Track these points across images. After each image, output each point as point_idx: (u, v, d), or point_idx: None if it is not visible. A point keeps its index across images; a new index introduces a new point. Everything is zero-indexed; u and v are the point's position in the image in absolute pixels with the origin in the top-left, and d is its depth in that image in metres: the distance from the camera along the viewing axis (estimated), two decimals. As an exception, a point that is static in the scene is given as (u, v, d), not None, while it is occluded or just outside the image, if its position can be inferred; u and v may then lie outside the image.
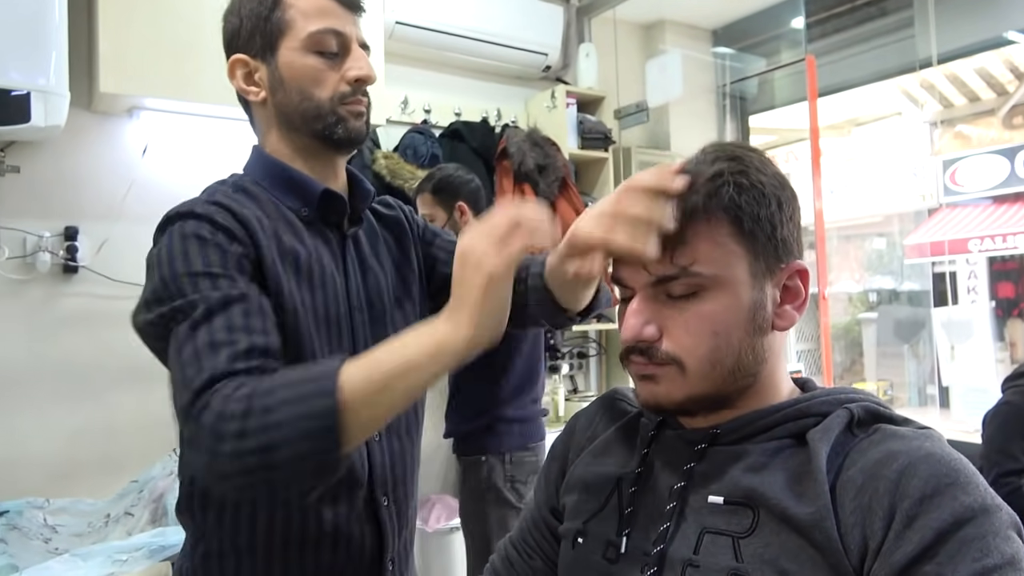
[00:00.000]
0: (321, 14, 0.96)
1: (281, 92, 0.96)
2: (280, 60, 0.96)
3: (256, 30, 0.96)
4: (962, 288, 6.05)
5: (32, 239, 2.19)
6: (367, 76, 0.98)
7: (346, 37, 0.98)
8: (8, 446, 2.10)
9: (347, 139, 0.98)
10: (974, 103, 5.21)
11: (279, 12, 0.96)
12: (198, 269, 0.83)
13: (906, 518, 0.60)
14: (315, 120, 0.96)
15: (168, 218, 0.90)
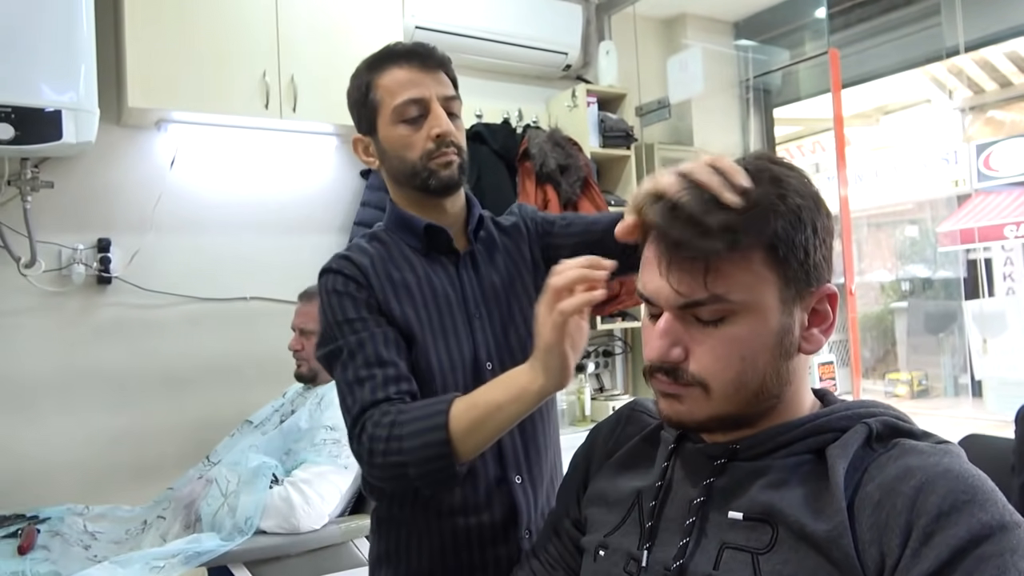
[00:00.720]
0: (401, 87, 1.11)
1: (386, 160, 1.15)
2: (380, 135, 1.14)
3: (360, 114, 1.16)
4: (997, 275, 5.92)
5: (67, 252, 2.25)
6: (445, 132, 1.11)
7: (425, 101, 1.11)
8: (47, 453, 2.16)
9: (441, 187, 1.13)
10: (1006, 88, 5.08)
11: (372, 95, 1.14)
12: (341, 318, 1.08)
13: (923, 535, 0.60)
14: (412, 177, 1.13)
15: (322, 271, 1.13)
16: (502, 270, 1.22)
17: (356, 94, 1.16)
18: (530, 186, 2.81)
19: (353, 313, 1.08)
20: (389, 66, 1.13)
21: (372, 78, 1.14)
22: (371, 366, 1.04)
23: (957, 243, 6.11)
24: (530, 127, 3.02)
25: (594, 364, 3.29)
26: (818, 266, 0.72)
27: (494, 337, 1.16)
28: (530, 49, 3.02)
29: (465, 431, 0.95)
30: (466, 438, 0.95)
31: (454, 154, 1.13)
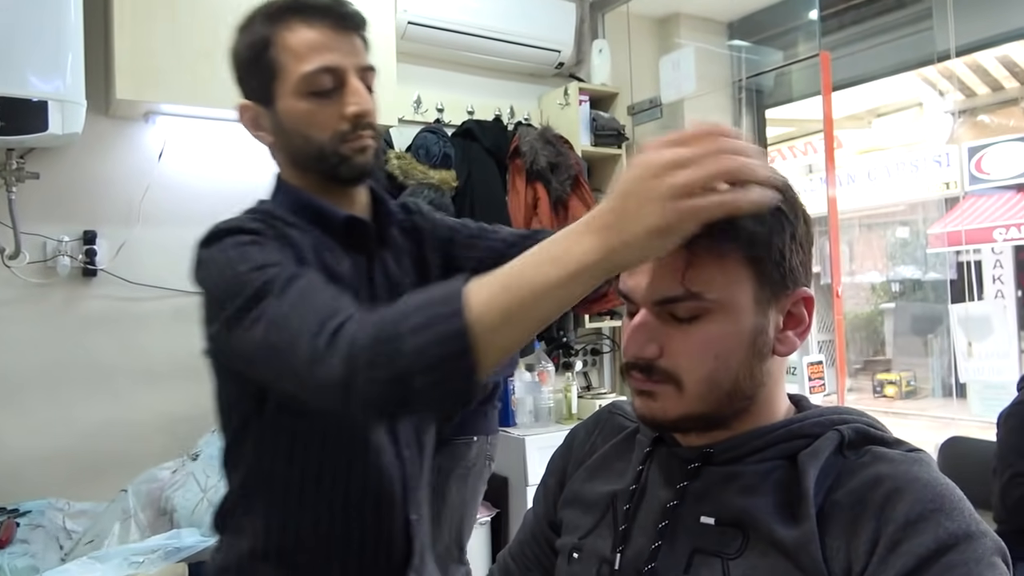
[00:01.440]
0: (312, 50, 0.93)
1: (284, 137, 0.97)
2: (278, 106, 0.95)
3: (252, 75, 0.96)
4: (987, 277, 5.96)
5: (52, 243, 2.23)
6: (365, 111, 0.94)
7: (341, 71, 0.94)
8: (29, 446, 2.15)
9: (352, 177, 0.97)
10: (997, 92, 5.11)
11: (269, 56, 0.93)
12: (262, 262, 0.83)
13: (890, 543, 0.61)
14: (318, 161, 0.95)
15: (215, 233, 0.89)
16: (412, 277, 1.06)
17: (247, 51, 0.95)
18: (520, 184, 2.81)
19: (277, 255, 0.85)
20: (295, 22, 0.93)
21: (272, 34, 0.93)
22: (320, 289, 0.80)
23: (947, 245, 6.14)
24: (521, 124, 3.02)
25: (581, 362, 3.29)
26: (794, 270, 0.72)
27: None
28: (523, 46, 3.02)
29: (492, 321, 0.66)
30: (493, 332, 0.66)
31: (370, 137, 0.97)
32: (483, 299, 0.66)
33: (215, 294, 0.85)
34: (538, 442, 2.76)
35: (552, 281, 0.64)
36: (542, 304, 0.65)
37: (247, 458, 0.98)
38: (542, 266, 0.65)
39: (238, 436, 0.98)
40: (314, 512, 0.96)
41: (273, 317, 0.77)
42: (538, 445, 2.75)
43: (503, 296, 0.66)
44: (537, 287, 0.64)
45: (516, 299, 0.65)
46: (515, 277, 0.66)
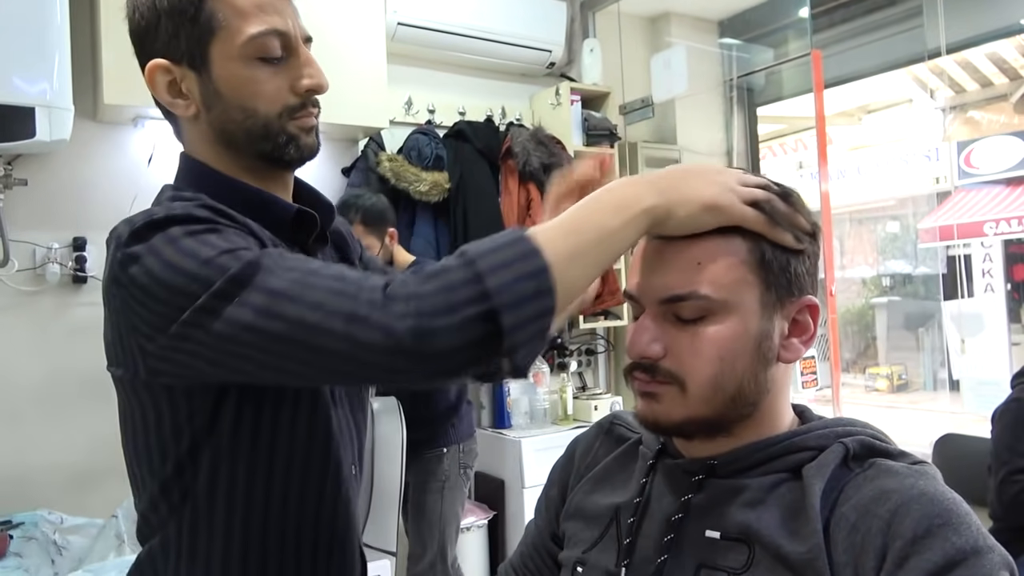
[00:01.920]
0: (260, 11, 0.81)
1: (218, 107, 0.82)
2: (215, 70, 0.81)
3: (180, 30, 0.80)
4: (977, 271, 5.99)
5: (41, 251, 2.21)
6: (320, 85, 0.85)
7: (290, 37, 0.83)
8: (22, 457, 2.13)
9: (299, 158, 0.86)
10: (986, 88, 5.13)
11: (209, 9, 0.80)
12: (229, 246, 0.70)
13: (898, 559, 0.61)
14: (262, 140, 0.83)
15: (152, 224, 0.72)
16: None
17: (177, 1, 0.80)
18: (513, 185, 2.80)
19: (243, 241, 0.72)
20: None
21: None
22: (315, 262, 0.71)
23: (937, 239, 6.17)
24: (513, 125, 3.01)
25: (576, 363, 3.29)
26: (800, 277, 0.73)
27: None
28: (513, 46, 3.01)
29: (567, 258, 0.64)
30: (568, 268, 0.64)
31: (316, 119, 0.87)
32: (551, 239, 0.65)
33: (169, 288, 0.68)
34: (534, 444, 2.76)
35: (616, 225, 0.66)
36: (604, 247, 0.66)
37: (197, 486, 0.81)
38: (605, 212, 0.67)
39: (181, 466, 0.80)
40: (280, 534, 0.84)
41: (276, 290, 0.66)
42: (534, 447, 2.75)
43: (572, 239, 0.65)
44: (603, 231, 0.66)
45: (583, 241, 0.66)
46: (581, 222, 0.67)
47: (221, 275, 0.67)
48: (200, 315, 0.67)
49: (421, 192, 2.62)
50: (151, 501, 0.82)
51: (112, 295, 0.75)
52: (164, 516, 0.82)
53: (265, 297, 0.66)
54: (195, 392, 0.78)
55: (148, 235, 0.71)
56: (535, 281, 0.62)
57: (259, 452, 0.81)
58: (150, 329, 0.71)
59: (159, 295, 0.69)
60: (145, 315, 0.71)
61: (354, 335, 0.63)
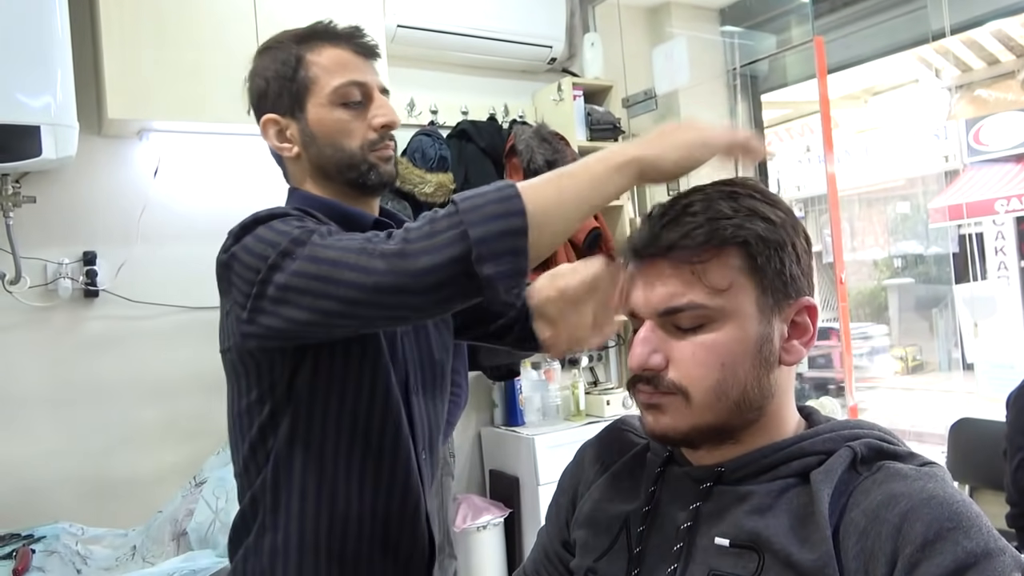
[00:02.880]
0: (342, 68, 1.02)
1: (314, 146, 1.03)
2: (309, 116, 1.02)
3: (284, 90, 1.02)
4: (989, 250, 5.94)
5: (52, 267, 2.23)
6: (392, 122, 1.04)
7: (368, 86, 1.03)
8: (39, 470, 2.15)
9: (380, 184, 1.04)
10: (993, 66, 5.07)
11: (303, 71, 1.02)
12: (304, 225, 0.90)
13: (909, 564, 0.61)
14: (349, 169, 1.03)
15: (257, 218, 0.92)
16: None
17: (281, 67, 1.02)
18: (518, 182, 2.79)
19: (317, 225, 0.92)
20: (325, 44, 1.03)
21: (304, 53, 1.02)
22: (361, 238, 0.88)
23: (947, 219, 6.12)
24: (516, 122, 3.00)
25: (588, 358, 3.29)
26: (796, 278, 0.73)
27: (419, 358, 1.09)
28: (514, 43, 3.00)
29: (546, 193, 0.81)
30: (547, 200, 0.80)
31: (393, 149, 1.06)
32: (533, 183, 0.82)
33: (256, 255, 0.88)
34: (547, 441, 2.76)
35: (601, 170, 0.81)
36: (588, 188, 0.81)
37: (277, 449, 0.98)
38: (591, 161, 0.82)
39: (264, 431, 0.98)
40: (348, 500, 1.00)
41: (320, 247, 0.85)
42: (548, 444, 2.75)
43: (554, 181, 0.82)
44: (588, 172, 0.82)
45: (566, 181, 0.82)
46: (566, 169, 0.84)
47: (287, 238, 0.86)
48: (270, 271, 0.86)
49: (426, 194, 2.62)
50: (244, 463, 1.01)
51: (221, 277, 0.95)
52: (253, 476, 1.00)
53: (312, 249, 0.85)
54: (275, 364, 0.95)
55: (252, 226, 0.91)
56: (505, 204, 0.78)
57: (328, 420, 0.98)
58: (242, 296, 0.90)
59: (250, 263, 0.88)
60: (240, 285, 0.90)
61: (364, 264, 0.82)
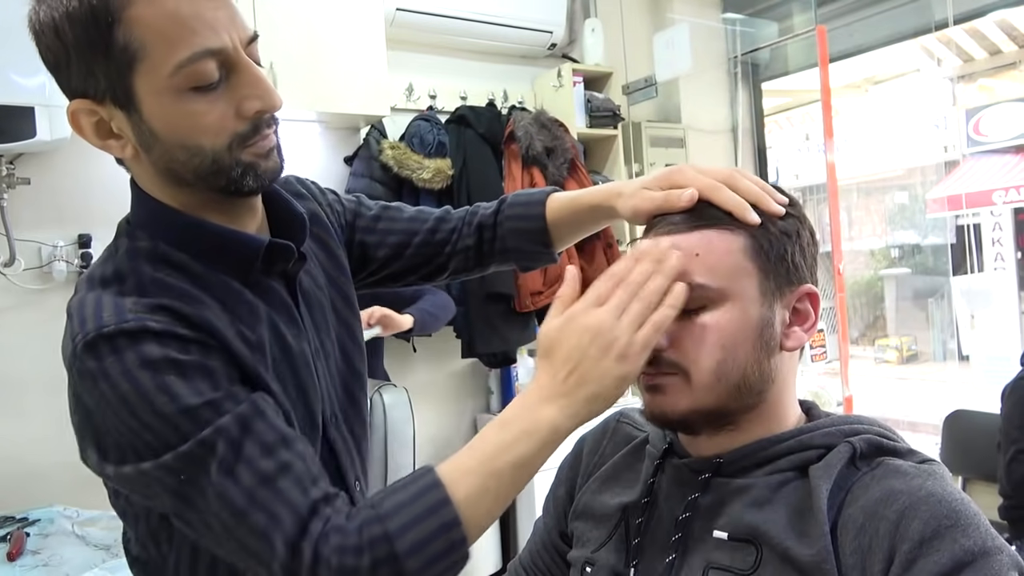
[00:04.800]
0: (183, 27, 0.66)
1: (158, 148, 0.71)
2: (143, 107, 0.68)
3: (94, 67, 0.67)
4: (987, 240, 5.95)
5: (47, 249, 2.22)
6: (271, 106, 0.72)
7: (228, 52, 0.69)
8: (34, 453, 2.15)
9: (260, 186, 0.75)
10: (995, 56, 5.06)
11: (121, 36, 0.65)
12: (192, 402, 0.64)
13: (905, 561, 0.61)
14: (213, 176, 0.72)
15: (105, 336, 0.65)
16: (321, 281, 0.89)
17: (83, 27, 0.65)
18: (516, 169, 2.78)
19: (212, 392, 0.66)
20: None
21: (119, 2, 0.65)
22: (274, 451, 0.66)
23: (946, 209, 6.13)
24: (515, 108, 2.98)
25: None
26: (799, 267, 0.74)
27: (333, 385, 0.87)
28: (514, 28, 2.98)
29: (478, 506, 0.67)
30: (480, 514, 0.68)
31: (275, 135, 0.75)
32: (465, 486, 0.67)
33: (124, 434, 0.65)
34: (543, 428, 2.76)
35: (531, 454, 0.68)
36: (520, 475, 0.68)
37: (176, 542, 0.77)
38: (518, 442, 0.67)
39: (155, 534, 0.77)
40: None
41: (222, 497, 0.64)
42: (543, 431, 2.75)
43: (485, 480, 0.67)
44: (517, 462, 0.67)
45: (497, 478, 0.67)
46: (491, 458, 0.68)
47: (176, 443, 0.64)
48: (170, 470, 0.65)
49: (424, 180, 2.61)
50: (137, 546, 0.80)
51: (70, 381, 0.70)
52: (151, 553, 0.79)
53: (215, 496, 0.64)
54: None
55: (100, 352, 0.65)
56: (448, 538, 0.65)
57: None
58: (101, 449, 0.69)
59: (106, 430, 0.67)
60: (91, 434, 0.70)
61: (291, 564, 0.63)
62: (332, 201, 0.98)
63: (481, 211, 1.04)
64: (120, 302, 0.68)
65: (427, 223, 1.03)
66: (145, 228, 0.76)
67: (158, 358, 0.65)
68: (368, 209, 1.02)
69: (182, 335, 0.67)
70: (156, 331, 0.66)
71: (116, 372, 0.64)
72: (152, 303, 0.68)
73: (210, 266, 0.75)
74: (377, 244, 1.00)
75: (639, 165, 3.21)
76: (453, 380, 3.01)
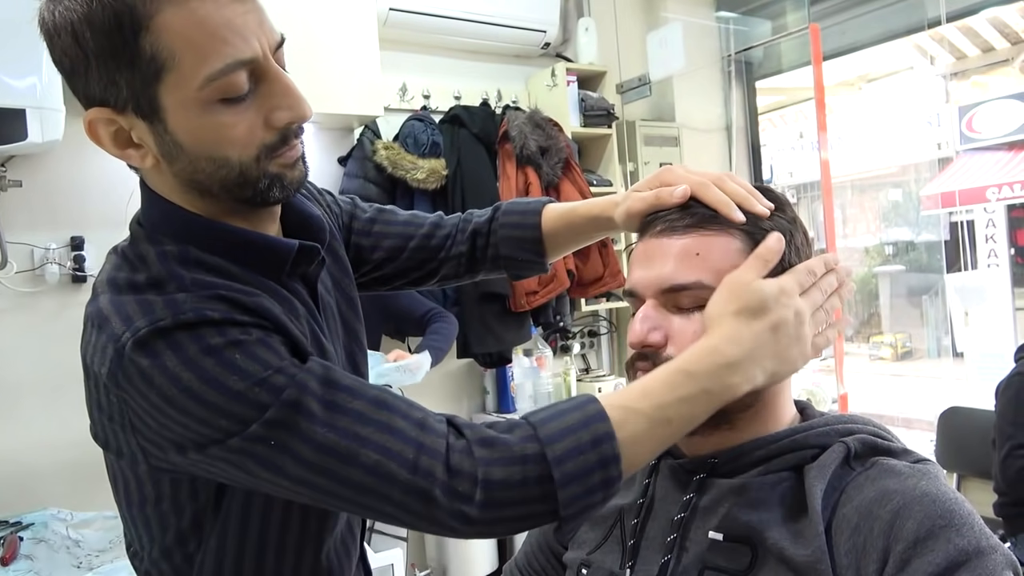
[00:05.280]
0: (214, 37, 0.64)
1: (182, 159, 0.69)
2: (169, 119, 0.66)
3: (116, 76, 0.64)
4: (980, 237, 5.97)
5: (39, 251, 2.20)
6: (301, 116, 0.71)
7: (259, 62, 0.67)
8: (28, 456, 2.14)
9: (286, 196, 0.75)
10: (988, 53, 5.07)
11: (148, 46, 0.62)
12: (264, 374, 0.63)
13: (900, 561, 0.61)
14: (240, 188, 0.71)
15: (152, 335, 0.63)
16: (331, 290, 0.88)
17: (106, 35, 0.62)
18: (511, 169, 2.78)
19: (278, 360, 0.65)
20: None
21: (144, 7, 0.62)
22: (363, 390, 0.66)
23: (940, 206, 6.14)
24: (509, 108, 2.98)
25: (579, 345, 3.29)
26: (793, 266, 0.73)
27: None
28: (507, 28, 2.97)
29: (641, 438, 0.66)
30: (641, 445, 0.66)
31: (302, 145, 0.75)
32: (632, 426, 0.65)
33: (189, 425, 0.63)
34: (539, 428, 2.76)
35: (705, 412, 0.67)
36: (687, 428, 0.67)
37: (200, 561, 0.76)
38: (697, 400, 0.66)
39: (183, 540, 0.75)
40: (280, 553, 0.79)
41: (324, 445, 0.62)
42: (539, 431, 2.75)
43: (652, 427, 0.66)
44: (689, 417, 0.66)
45: (665, 426, 0.66)
46: (666, 406, 0.65)
47: (258, 414, 0.62)
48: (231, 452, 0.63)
49: (418, 180, 2.60)
50: (152, 561, 0.77)
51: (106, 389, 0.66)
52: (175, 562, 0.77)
53: (312, 452, 0.62)
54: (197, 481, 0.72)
55: (154, 346, 0.63)
56: (603, 472, 0.63)
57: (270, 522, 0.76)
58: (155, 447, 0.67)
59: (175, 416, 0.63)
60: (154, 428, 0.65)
61: (413, 508, 0.62)
62: (330, 203, 0.98)
63: (475, 218, 1.04)
64: (171, 298, 0.66)
65: (422, 228, 1.03)
66: (167, 233, 0.73)
67: (220, 344, 0.63)
68: (363, 211, 1.02)
69: (241, 320, 0.66)
70: (216, 320, 0.64)
71: (175, 364, 0.62)
72: (208, 294, 0.67)
73: (244, 268, 0.73)
74: (372, 247, 1.00)
75: (633, 164, 3.21)
76: (449, 380, 3.01)
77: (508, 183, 2.77)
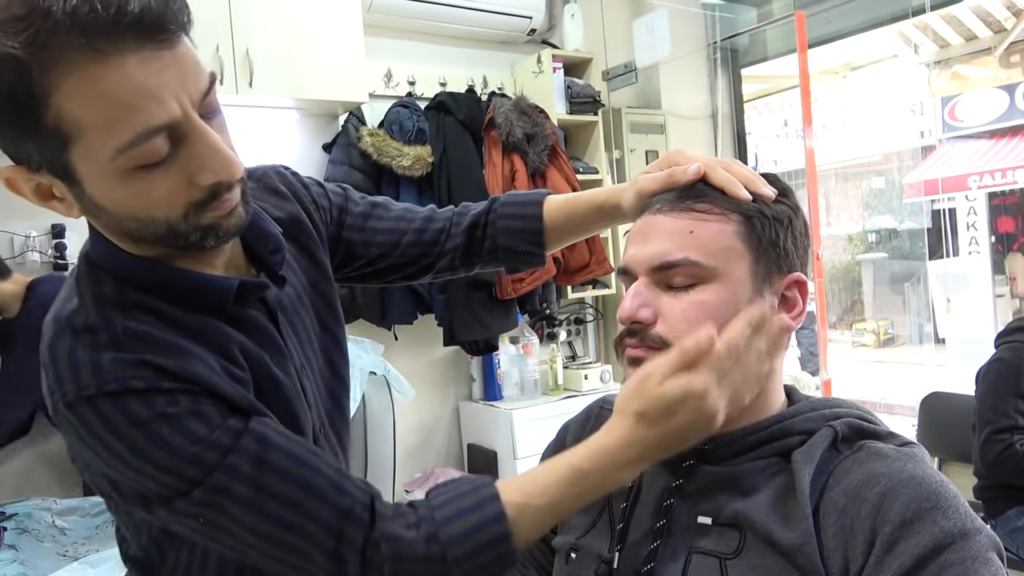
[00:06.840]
0: (121, 106, 0.58)
1: (106, 217, 0.66)
2: (85, 185, 0.62)
3: (24, 145, 0.60)
4: (961, 225, 6.03)
5: (19, 239, 2.18)
6: (228, 178, 0.66)
7: (177, 124, 0.61)
8: (8, 448, 2.11)
9: (224, 241, 0.71)
10: (971, 42, 5.11)
11: (50, 119, 0.57)
12: (192, 450, 0.64)
13: (886, 543, 0.61)
14: (172, 239, 0.67)
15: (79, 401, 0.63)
16: (305, 294, 0.86)
17: (4, 114, 0.58)
18: (497, 156, 2.77)
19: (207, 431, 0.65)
20: (82, 57, 0.56)
21: (42, 79, 0.56)
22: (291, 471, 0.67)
23: (922, 194, 6.20)
24: (495, 95, 2.96)
25: (566, 332, 3.29)
26: (789, 254, 0.74)
27: (319, 394, 0.85)
28: (493, 14, 2.95)
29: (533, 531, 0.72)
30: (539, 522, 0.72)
31: (239, 189, 0.69)
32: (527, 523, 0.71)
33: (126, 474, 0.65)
34: (525, 415, 2.78)
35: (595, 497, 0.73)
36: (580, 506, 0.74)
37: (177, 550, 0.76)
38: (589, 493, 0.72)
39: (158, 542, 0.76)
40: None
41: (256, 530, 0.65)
42: (525, 418, 2.77)
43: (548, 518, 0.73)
44: (580, 505, 0.73)
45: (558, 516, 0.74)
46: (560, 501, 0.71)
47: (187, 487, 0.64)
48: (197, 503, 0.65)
49: (404, 167, 2.59)
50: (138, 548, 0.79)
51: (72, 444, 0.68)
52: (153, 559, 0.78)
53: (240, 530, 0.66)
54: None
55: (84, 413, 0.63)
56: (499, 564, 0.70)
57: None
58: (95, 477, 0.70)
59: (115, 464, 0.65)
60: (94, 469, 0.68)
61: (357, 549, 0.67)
62: (317, 195, 0.94)
63: (471, 211, 1.02)
64: (97, 359, 0.64)
65: (415, 223, 1.00)
66: (107, 271, 0.70)
67: (146, 417, 0.63)
68: (356, 204, 0.99)
69: (167, 388, 0.64)
70: (140, 390, 0.64)
71: (103, 433, 0.63)
72: (132, 359, 0.64)
73: (182, 308, 0.71)
74: (365, 242, 0.97)
75: (619, 151, 3.20)
76: (435, 368, 3.01)
77: (494, 170, 2.76)
